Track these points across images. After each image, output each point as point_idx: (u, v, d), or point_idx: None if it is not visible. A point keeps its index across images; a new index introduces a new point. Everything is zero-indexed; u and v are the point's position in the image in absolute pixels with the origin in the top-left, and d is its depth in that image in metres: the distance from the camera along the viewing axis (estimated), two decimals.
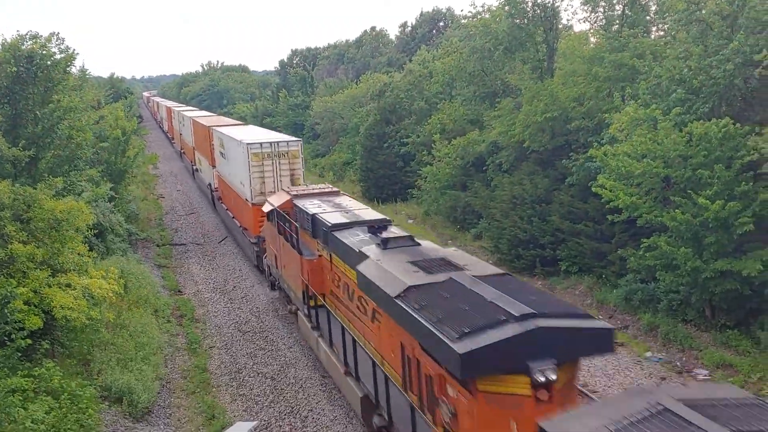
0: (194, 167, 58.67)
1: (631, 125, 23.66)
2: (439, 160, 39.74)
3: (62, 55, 27.03)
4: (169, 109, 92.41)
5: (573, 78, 30.94)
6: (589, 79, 30.01)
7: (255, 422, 19.47)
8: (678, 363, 21.42)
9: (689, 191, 21.38)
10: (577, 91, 30.24)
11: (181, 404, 21.05)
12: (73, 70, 29.92)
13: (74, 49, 27.40)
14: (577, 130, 29.80)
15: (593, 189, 24.44)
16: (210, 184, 47.34)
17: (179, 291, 31.68)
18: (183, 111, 74.23)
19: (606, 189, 23.52)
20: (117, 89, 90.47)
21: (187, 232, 43.68)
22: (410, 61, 61.90)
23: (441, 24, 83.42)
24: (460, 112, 42.34)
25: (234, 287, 31.54)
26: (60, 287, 19.10)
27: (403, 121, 48.46)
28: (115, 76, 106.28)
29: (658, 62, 26.20)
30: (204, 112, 72.40)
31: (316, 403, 20.15)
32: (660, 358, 21.87)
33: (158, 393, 21.16)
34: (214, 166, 44.32)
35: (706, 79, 22.65)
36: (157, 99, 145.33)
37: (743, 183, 20.60)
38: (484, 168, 36.70)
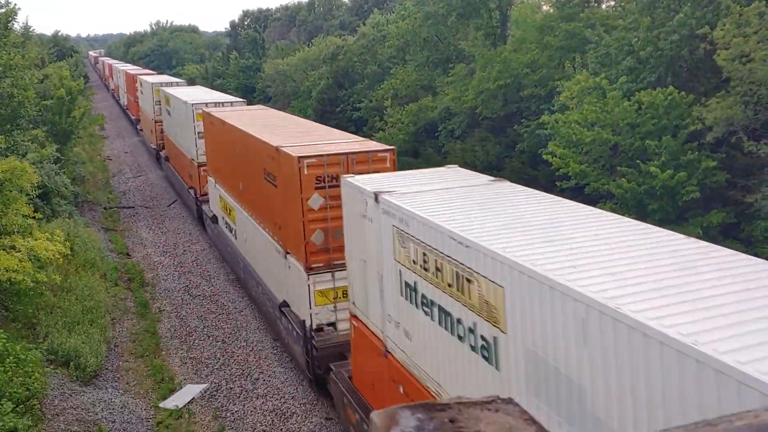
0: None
1: (581, 94, 24.00)
2: (392, 126, 39.73)
3: (2, 10, 26.11)
4: (130, 76, 66.00)
5: (525, 45, 31.15)
6: (541, 47, 30.26)
7: (205, 385, 19.50)
8: None
9: (637, 161, 21.87)
10: (530, 57, 30.48)
11: (129, 367, 20.91)
12: (16, 26, 28.94)
13: (15, 4, 26.49)
14: (529, 97, 30.10)
15: (543, 156, 24.79)
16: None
17: (128, 254, 31.27)
18: (155, 82, 49.58)
19: (556, 157, 23.89)
20: (61, 48, 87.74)
21: (136, 195, 42.98)
22: (363, 24, 61.39)
23: None
24: (413, 78, 42.29)
25: (184, 251, 31.25)
26: (4, 249, 18.69)
27: (356, 86, 48.21)
28: (59, 34, 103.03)
29: (608, 33, 26.54)
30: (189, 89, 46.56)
31: (267, 366, 20.23)
32: None
33: (106, 356, 20.98)
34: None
35: (654, 50, 23.06)
36: (111, 61, 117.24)
37: (689, 152, 21.14)
38: (436, 134, 36.86)
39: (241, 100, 33.78)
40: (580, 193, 25.33)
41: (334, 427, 16.78)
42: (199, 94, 38.48)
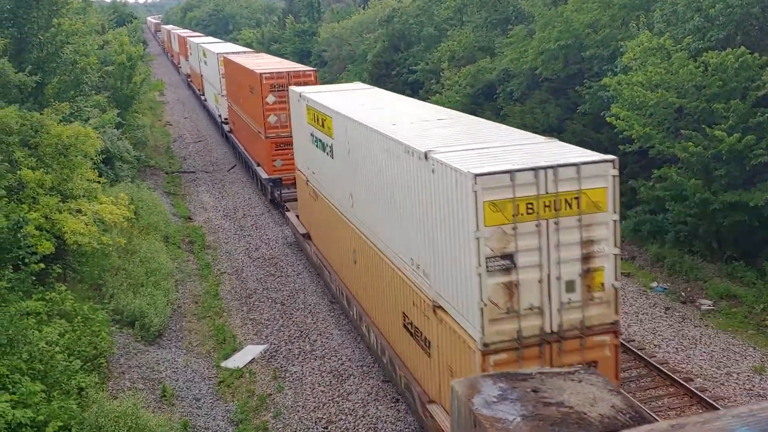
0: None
1: (644, 54, 23.23)
2: (449, 89, 39.22)
3: None
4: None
5: (588, 4, 30.22)
6: (604, 6, 29.31)
7: (264, 345, 19.85)
8: (683, 293, 21.56)
9: (702, 125, 21.15)
10: (591, 17, 29.56)
11: (192, 328, 21.40)
12: None
13: None
14: (591, 58, 29.28)
15: (607, 119, 24.15)
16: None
17: (189, 218, 31.84)
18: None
19: (620, 119, 23.25)
20: (120, 14, 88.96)
21: (196, 159, 43.62)
22: None
23: None
24: (471, 39, 41.54)
25: (244, 215, 31.66)
26: (70, 213, 19.18)
27: (412, 48, 47.66)
28: (118, 0, 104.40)
29: None
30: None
31: (325, 328, 20.45)
32: (665, 288, 22.02)
33: (170, 317, 21.50)
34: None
35: (725, 7, 22.09)
36: (179, 31, 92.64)
37: (758, 115, 20.33)
38: (494, 96, 36.23)
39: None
40: (644, 157, 24.69)
41: (391, 389, 16.90)
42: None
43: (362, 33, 61.86)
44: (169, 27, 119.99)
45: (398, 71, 47.49)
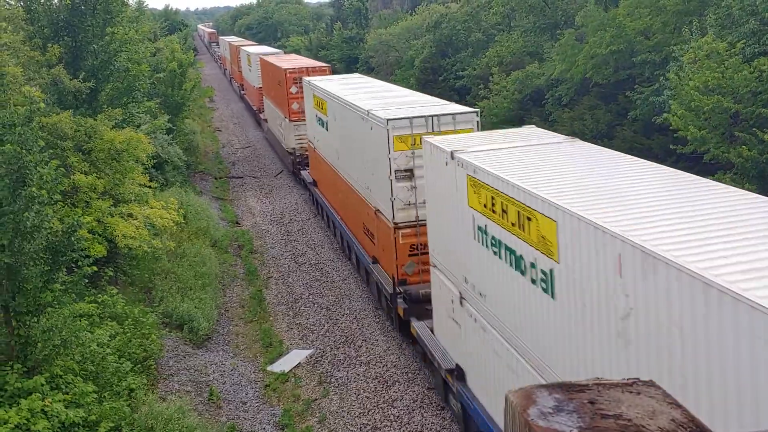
0: None
1: (705, 57, 22.78)
2: (497, 94, 38.99)
3: None
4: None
5: (639, 10, 29.75)
6: (656, 11, 28.81)
7: (310, 350, 19.92)
8: None
9: (754, 129, 20.62)
10: (644, 23, 29.08)
11: (239, 332, 21.61)
12: (131, 2, 29.98)
13: None
14: (642, 63, 28.80)
15: (665, 116, 23.64)
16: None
17: (237, 223, 32.21)
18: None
19: (676, 116, 22.78)
20: (172, 22, 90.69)
21: (244, 165, 44.13)
22: None
23: None
24: (519, 44, 41.28)
25: (290, 220, 31.90)
26: (122, 217, 19.57)
27: (459, 54, 47.53)
28: (169, 8, 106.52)
29: None
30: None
31: (370, 334, 20.44)
32: None
33: (217, 321, 21.75)
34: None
35: None
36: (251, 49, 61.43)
37: None
38: (543, 102, 35.91)
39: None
40: (697, 163, 24.16)
41: (436, 397, 16.80)
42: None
43: (409, 39, 61.92)
44: (230, 39, 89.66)
45: (445, 77, 47.40)
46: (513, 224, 10.99)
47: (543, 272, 10.20)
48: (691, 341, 7.22)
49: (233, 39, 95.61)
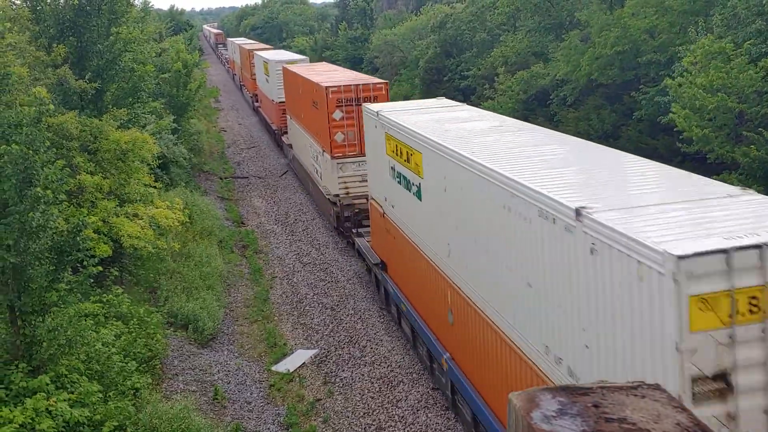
0: None
1: (705, 58, 22.70)
2: (502, 94, 38.95)
3: None
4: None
5: (644, 9, 29.66)
6: (661, 12, 28.72)
7: (315, 350, 19.93)
8: None
9: (760, 129, 20.56)
10: (649, 23, 28.99)
11: (244, 332, 21.62)
12: (136, 2, 30.03)
13: None
14: (647, 63, 28.73)
15: (670, 116, 23.59)
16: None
17: (242, 223, 32.24)
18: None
19: (680, 117, 22.74)
20: (177, 22, 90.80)
21: (249, 165, 44.17)
22: None
23: None
24: (524, 45, 41.21)
25: (295, 220, 31.92)
26: (127, 217, 19.61)
27: (464, 54, 47.49)
28: (174, 8, 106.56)
29: None
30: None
31: (375, 334, 20.44)
32: None
33: (222, 320, 21.77)
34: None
35: None
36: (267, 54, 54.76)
37: None
38: (548, 102, 35.86)
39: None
40: (703, 163, 24.11)
41: (440, 397, 16.79)
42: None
43: (414, 39, 61.90)
44: (241, 41, 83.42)
45: (450, 77, 47.37)
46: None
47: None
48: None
49: (244, 41, 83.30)
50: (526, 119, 37.13)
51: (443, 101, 21.54)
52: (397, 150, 17.82)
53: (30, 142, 13.18)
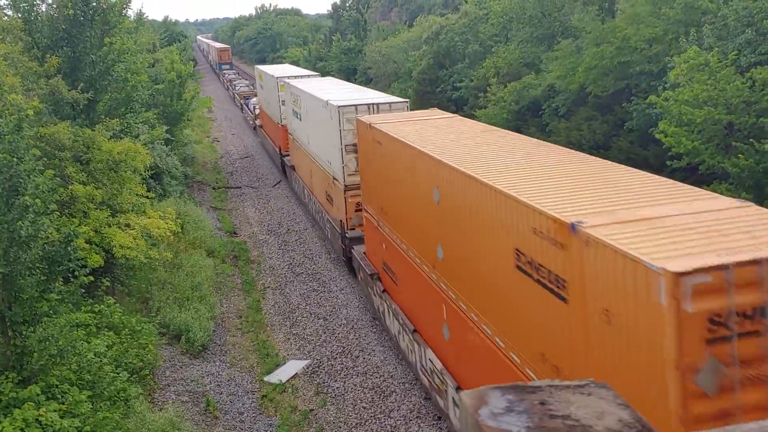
0: None
1: (691, 70, 22.86)
2: (494, 104, 39.10)
3: None
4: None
5: (638, 20, 29.78)
6: (656, 21, 28.84)
7: (307, 361, 19.94)
8: None
9: (751, 140, 20.72)
10: (650, 32, 29.02)
11: (236, 342, 21.62)
12: (130, 13, 30.14)
13: None
14: (639, 74, 28.89)
15: (656, 135, 23.78)
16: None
17: (234, 233, 32.25)
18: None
19: (667, 136, 22.90)
20: (171, 33, 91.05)
21: (242, 175, 44.22)
22: (466, 1, 60.57)
23: None
24: (516, 55, 41.41)
25: (288, 230, 31.95)
26: (119, 227, 19.63)
27: (457, 65, 47.72)
28: (168, 19, 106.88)
29: (726, 4, 25.12)
30: None
31: (367, 344, 20.46)
32: None
33: (214, 331, 21.76)
34: None
35: None
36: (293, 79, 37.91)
37: None
38: (539, 113, 36.02)
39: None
40: (693, 173, 24.25)
41: (432, 408, 16.81)
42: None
43: (407, 51, 62.15)
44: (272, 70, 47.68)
45: (443, 88, 47.57)
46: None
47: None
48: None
49: (278, 70, 45.18)
50: (518, 130, 37.30)
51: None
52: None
53: (13, 150, 13.15)
